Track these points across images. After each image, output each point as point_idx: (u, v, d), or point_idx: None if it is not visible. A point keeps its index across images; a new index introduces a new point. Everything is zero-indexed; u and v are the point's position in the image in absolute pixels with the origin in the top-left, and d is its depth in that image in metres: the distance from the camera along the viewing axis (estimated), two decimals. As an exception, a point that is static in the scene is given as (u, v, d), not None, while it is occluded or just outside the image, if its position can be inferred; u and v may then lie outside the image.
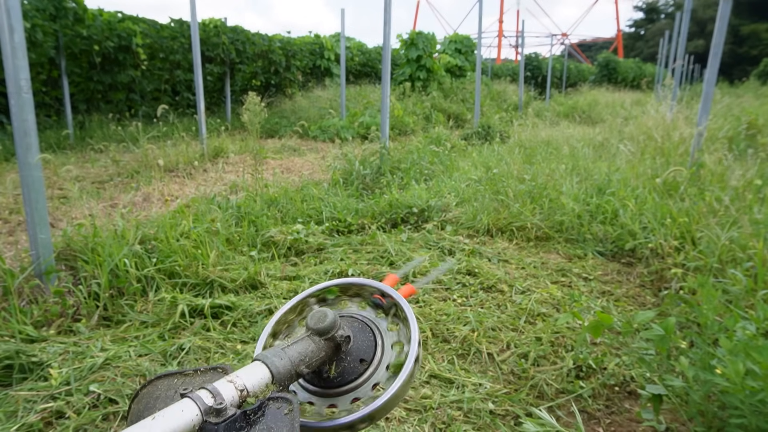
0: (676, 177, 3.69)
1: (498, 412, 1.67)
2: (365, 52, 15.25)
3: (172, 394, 0.67)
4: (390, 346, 0.82)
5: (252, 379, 0.63)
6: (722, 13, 3.80)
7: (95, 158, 6.04)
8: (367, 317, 0.87)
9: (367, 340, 0.82)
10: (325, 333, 0.75)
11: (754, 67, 34.04)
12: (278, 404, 0.61)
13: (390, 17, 4.96)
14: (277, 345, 0.73)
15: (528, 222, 3.46)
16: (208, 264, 2.61)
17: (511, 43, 55.44)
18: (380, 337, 0.83)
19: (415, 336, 0.77)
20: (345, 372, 0.79)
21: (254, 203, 3.61)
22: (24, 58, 2.15)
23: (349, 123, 8.86)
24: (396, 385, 0.72)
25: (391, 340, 0.83)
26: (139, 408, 0.67)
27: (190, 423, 0.53)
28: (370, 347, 0.82)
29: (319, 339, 0.75)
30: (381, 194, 4.24)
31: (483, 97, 13.50)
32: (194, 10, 6.21)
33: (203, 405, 0.56)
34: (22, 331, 2.00)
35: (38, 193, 2.25)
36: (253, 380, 0.63)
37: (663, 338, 1.37)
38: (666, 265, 2.71)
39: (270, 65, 11.16)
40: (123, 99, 8.56)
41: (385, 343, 0.82)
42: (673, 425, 1.58)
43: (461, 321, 2.23)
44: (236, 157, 6.67)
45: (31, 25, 6.35)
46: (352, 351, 0.80)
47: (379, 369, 0.80)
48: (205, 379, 0.67)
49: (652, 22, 59.47)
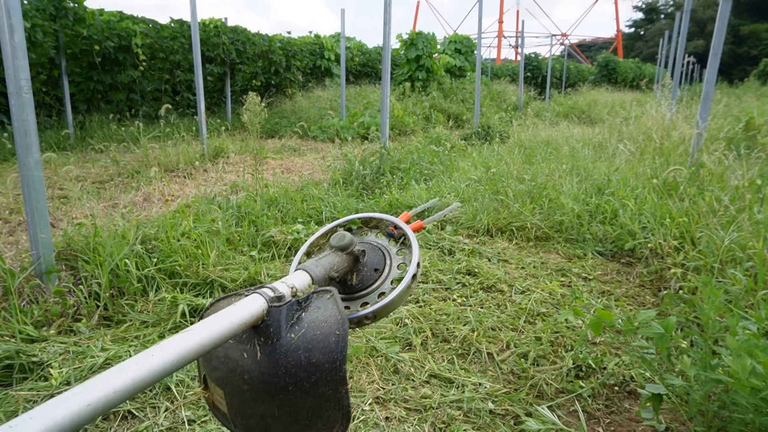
0: (675, 177, 3.69)
1: (498, 412, 1.67)
2: (365, 52, 15.26)
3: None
4: (396, 266, 1.03)
5: (298, 281, 0.85)
6: (722, 13, 3.80)
7: (96, 158, 6.04)
8: (381, 244, 1.09)
9: (379, 257, 1.05)
10: (345, 249, 0.97)
11: (754, 67, 34.04)
12: (321, 294, 0.82)
13: (390, 17, 4.96)
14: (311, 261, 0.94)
15: (528, 222, 3.46)
16: (209, 264, 2.62)
17: (511, 44, 55.47)
18: (389, 258, 1.05)
19: (414, 258, 0.99)
20: (364, 279, 1.02)
21: (254, 203, 3.61)
22: (24, 58, 2.15)
23: (349, 123, 8.86)
24: (395, 293, 0.93)
25: (397, 261, 1.04)
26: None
27: (260, 308, 0.74)
28: (380, 260, 1.04)
29: (342, 253, 0.98)
30: (381, 194, 4.24)
31: (483, 98, 13.50)
32: (194, 10, 6.22)
33: (267, 296, 0.76)
34: (22, 331, 2.00)
35: (39, 192, 2.25)
36: (299, 282, 0.85)
37: (663, 337, 1.37)
38: (665, 265, 2.71)
39: (270, 65, 11.16)
40: (123, 99, 8.56)
41: (393, 263, 1.04)
42: (673, 425, 1.58)
43: (461, 321, 2.23)
44: (236, 157, 6.67)
45: (31, 25, 6.35)
46: (368, 263, 1.03)
47: (385, 282, 1.01)
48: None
49: (652, 22, 59.48)
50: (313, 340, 0.75)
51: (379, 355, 1.95)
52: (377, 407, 1.67)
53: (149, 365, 0.55)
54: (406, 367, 1.89)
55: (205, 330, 0.63)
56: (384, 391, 1.75)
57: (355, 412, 1.64)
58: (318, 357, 0.74)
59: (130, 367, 0.55)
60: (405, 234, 1.08)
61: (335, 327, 0.76)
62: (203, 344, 0.62)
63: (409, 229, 1.08)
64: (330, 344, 0.74)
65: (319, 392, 0.74)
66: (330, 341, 0.74)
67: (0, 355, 1.78)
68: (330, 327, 0.76)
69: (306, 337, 0.75)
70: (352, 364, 1.88)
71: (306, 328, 0.76)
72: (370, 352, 1.97)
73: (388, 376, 1.84)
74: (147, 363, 0.55)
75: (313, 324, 0.76)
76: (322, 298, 0.81)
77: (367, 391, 1.75)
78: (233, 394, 0.78)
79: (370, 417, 1.62)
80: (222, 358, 0.78)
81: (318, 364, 0.73)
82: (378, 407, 1.67)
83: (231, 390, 0.78)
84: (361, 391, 1.75)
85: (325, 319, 0.77)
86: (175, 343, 0.59)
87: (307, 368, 0.73)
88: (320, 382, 0.74)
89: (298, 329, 0.76)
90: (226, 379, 0.78)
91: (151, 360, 0.56)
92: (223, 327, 0.65)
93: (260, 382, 0.74)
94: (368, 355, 1.95)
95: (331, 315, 0.77)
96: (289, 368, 0.73)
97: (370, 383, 1.80)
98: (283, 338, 0.75)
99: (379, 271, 1.02)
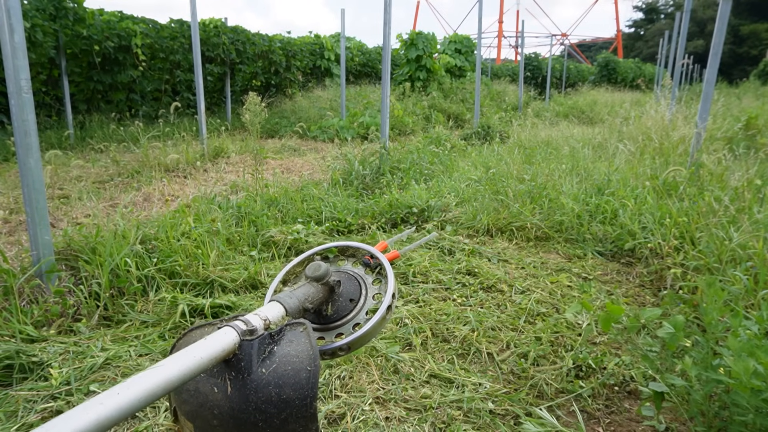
0: (675, 177, 3.69)
1: (498, 412, 1.67)
2: (365, 52, 15.25)
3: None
4: (372, 296, 1.04)
5: (272, 313, 0.84)
6: (722, 13, 3.80)
7: (96, 158, 6.04)
8: (357, 273, 1.08)
9: (354, 287, 1.04)
10: (320, 279, 0.96)
11: (754, 67, 34.03)
12: (294, 327, 0.82)
13: (390, 17, 4.96)
14: (285, 290, 0.94)
15: (528, 222, 3.46)
16: (209, 264, 2.62)
17: (511, 44, 55.47)
18: (365, 288, 1.04)
19: (390, 289, 0.99)
20: (339, 310, 1.01)
21: (254, 203, 3.61)
22: (24, 58, 2.15)
23: (349, 123, 8.86)
24: (369, 324, 0.93)
25: (372, 291, 1.04)
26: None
27: (232, 342, 0.73)
28: (356, 290, 1.04)
29: (317, 283, 0.97)
30: (381, 194, 4.24)
31: (483, 98, 13.50)
32: (194, 10, 6.21)
33: (239, 329, 0.75)
34: (22, 331, 2.00)
35: (39, 192, 2.25)
36: (273, 314, 0.84)
37: (673, 336, 1.37)
38: (665, 265, 2.71)
39: (270, 65, 11.16)
40: (123, 99, 8.56)
41: (368, 293, 1.04)
42: (673, 425, 1.58)
43: (461, 321, 2.23)
44: (236, 157, 6.67)
45: (31, 25, 6.35)
46: (343, 293, 1.02)
47: (360, 312, 1.01)
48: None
49: (652, 22, 59.48)
50: (284, 376, 0.74)
51: (379, 355, 1.95)
52: (377, 407, 1.67)
53: (115, 404, 0.54)
54: (406, 367, 1.89)
55: (175, 366, 0.62)
56: (384, 391, 1.75)
57: (355, 412, 1.64)
58: (289, 393, 0.73)
59: (95, 407, 0.53)
60: (381, 264, 1.07)
61: (307, 362, 0.75)
62: (172, 380, 0.61)
63: (385, 258, 1.08)
64: (301, 380, 0.74)
65: (289, 429, 0.74)
66: (301, 377, 0.74)
67: (0, 355, 1.78)
68: (302, 362, 0.75)
69: (277, 372, 0.74)
70: (352, 364, 1.88)
71: (277, 363, 0.75)
72: (370, 352, 1.97)
73: (388, 376, 1.84)
74: (113, 401, 0.54)
75: (285, 359, 0.76)
76: (295, 331, 0.81)
77: (367, 391, 1.75)
78: (203, 428, 0.77)
79: (370, 417, 1.62)
80: (192, 391, 0.77)
81: (289, 401, 0.73)
82: (378, 407, 1.67)
83: (201, 424, 0.77)
84: (361, 391, 1.75)
85: (297, 354, 0.76)
86: (142, 379, 0.58)
87: (277, 405, 0.73)
88: (290, 419, 0.73)
89: (269, 364, 0.75)
90: (195, 413, 0.77)
91: (117, 398, 0.55)
92: (192, 362, 0.64)
93: (230, 417, 0.73)
94: (368, 355, 1.95)
95: (303, 350, 0.77)
96: (259, 404, 0.73)
97: (370, 383, 1.80)
98: (254, 373, 0.74)
99: (355, 302, 1.02)
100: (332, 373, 1.83)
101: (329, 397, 1.72)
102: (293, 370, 0.74)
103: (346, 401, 1.69)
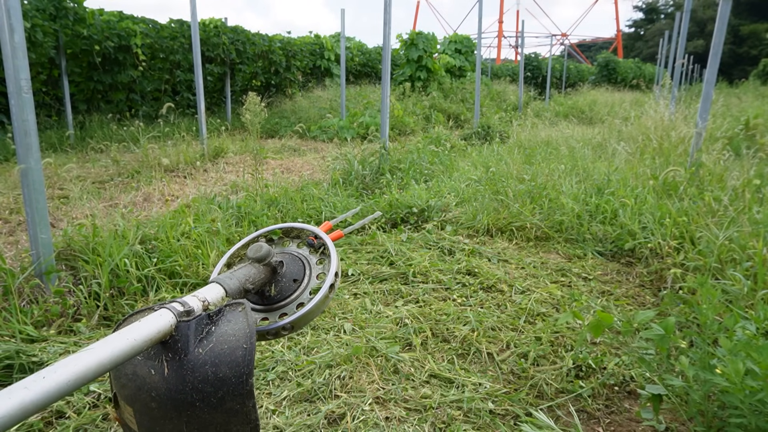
0: (675, 177, 3.69)
1: (498, 412, 1.67)
2: (365, 52, 15.25)
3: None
4: (316, 276, 1.04)
5: (210, 294, 0.83)
6: (722, 13, 3.80)
7: (96, 158, 6.04)
8: (301, 254, 1.08)
9: (298, 267, 1.05)
10: (262, 260, 0.96)
11: (754, 67, 34.03)
12: (233, 307, 0.81)
13: (390, 17, 4.96)
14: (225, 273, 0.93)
15: (528, 222, 3.46)
16: (209, 264, 2.62)
17: (511, 44, 55.48)
18: (308, 268, 1.05)
19: (332, 268, 0.99)
20: (283, 290, 1.01)
21: (254, 203, 3.61)
22: (24, 58, 2.15)
23: (349, 123, 8.86)
24: (312, 303, 0.94)
25: (317, 271, 1.05)
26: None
27: (168, 323, 0.72)
28: (300, 270, 1.04)
29: (259, 265, 0.97)
30: (381, 194, 4.24)
31: (483, 98, 13.50)
32: (194, 10, 6.21)
33: (176, 311, 0.74)
34: (22, 331, 2.00)
35: (38, 193, 2.25)
36: (212, 295, 0.83)
37: (663, 338, 1.37)
38: (665, 265, 2.71)
39: (270, 65, 11.16)
40: (123, 99, 8.56)
41: (312, 273, 1.04)
42: (673, 425, 1.58)
43: (461, 321, 2.23)
44: (236, 157, 6.67)
45: (31, 25, 6.35)
46: (286, 273, 1.02)
47: (304, 292, 1.01)
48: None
49: (652, 22, 59.47)
50: (221, 355, 0.74)
51: (379, 355, 1.95)
52: (377, 407, 1.67)
53: (41, 388, 0.52)
54: (406, 367, 1.89)
55: (107, 348, 0.61)
56: (384, 391, 1.75)
57: (355, 412, 1.64)
58: (225, 371, 0.73)
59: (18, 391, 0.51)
60: (325, 243, 1.08)
61: (243, 341, 0.75)
62: (103, 363, 0.59)
63: (329, 238, 1.08)
64: (237, 358, 0.74)
65: (227, 407, 0.74)
66: (237, 355, 0.74)
67: (0, 355, 1.78)
68: (238, 341, 0.75)
69: (213, 351, 0.74)
70: (352, 364, 1.89)
71: (214, 343, 0.75)
72: (370, 352, 1.97)
73: (388, 376, 1.84)
74: (38, 386, 0.52)
75: (222, 338, 0.76)
76: (234, 311, 0.81)
77: (367, 391, 1.75)
78: (142, 411, 0.77)
79: (370, 417, 1.62)
80: (130, 375, 0.77)
81: (225, 379, 0.73)
82: (378, 407, 1.67)
83: (140, 408, 0.77)
84: (361, 391, 1.75)
85: (233, 332, 0.76)
86: (72, 362, 0.56)
87: (213, 383, 0.73)
88: (227, 397, 0.74)
89: (206, 344, 0.75)
90: (134, 397, 0.77)
91: (43, 383, 0.53)
92: (125, 344, 0.63)
93: (168, 399, 0.73)
94: (368, 355, 1.95)
95: (240, 328, 0.77)
96: (196, 384, 0.73)
97: (370, 383, 1.80)
98: (191, 353, 0.74)
99: (299, 282, 1.02)
100: (332, 373, 1.83)
101: (329, 397, 1.72)
102: (229, 348, 0.75)
103: (346, 401, 1.69)
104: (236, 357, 0.74)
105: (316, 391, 1.75)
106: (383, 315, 2.30)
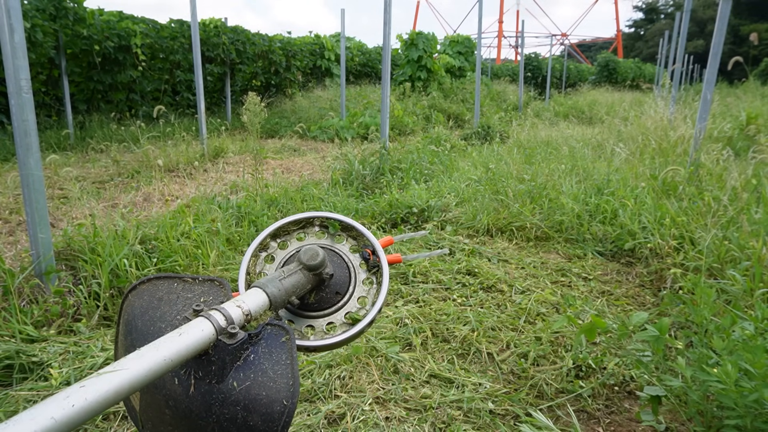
0: (674, 177, 3.69)
1: (498, 412, 1.67)
2: (365, 52, 15.25)
3: (174, 299, 0.76)
4: (357, 298, 0.95)
5: (254, 304, 0.73)
6: (722, 13, 3.80)
7: (96, 158, 6.04)
8: (351, 261, 0.99)
9: (344, 276, 0.96)
10: (315, 269, 0.87)
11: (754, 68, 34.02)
12: (276, 332, 0.72)
13: (390, 17, 4.96)
14: (272, 275, 0.83)
15: (528, 222, 3.46)
16: (209, 264, 2.62)
17: (511, 44, 55.48)
18: (353, 283, 0.96)
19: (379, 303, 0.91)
20: (322, 300, 0.92)
21: (254, 203, 3.61)
22: (24, 58, 2.15)
23: (349, 123, 8.86)
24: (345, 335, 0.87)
25: (359, 293, 0.96)
26: (141, 303, 0.77)
27: (208, 341, 0.64)
28: (345, 283, 0.95)
29: (309, 273, 0.87)
30: (381, 194, 4.24)
31: (483, 98, 13.50)
32: (194, 10, 6.21)
33: (218, 325, 0.65)
34: (22, 331, 2.00)
35: (38, 193, 2.25)
36: (256, 306, 0.74)
37: (658, 339, 1.37)
38: (665, 265, 2.71)
39: (270, 65, 11.16)
40: (123, 99, 8.56)
41: (355, 292, 0.96)
42: (673, 425, 1.58)
43: (461, 321, 2.23)
44: (236, 157, 6.67)
45: (31, 25, 6.35)
46: (332, 285, 0.93)
47: (351, 301, 0.94)
48: (204, 290, 0.77)
49: (652, 22, 59.47)
50: (256, 401, 0.66)
51: (379, 355, 1.95)
52: (377, 407, 1.67)
53: (65, 415, 0.46)
54: (406, 367, 1.89)
55: (141, 367, 0.54)
56: (384, 391, 1.75)
57: (355, 412, 1.65)
58: (256, 422, 0.65)
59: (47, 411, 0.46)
60: (379, 266, 0.97)
61: (284, 395, 0.66)
62: (133, 385, 0.53)
63: (386, 263, 0.97)
64: (273, 413, 0.65)
65: None
66: (274, 410, 0.65)
67: (0, 355, 1.78)
68: (278, 392, 0.66)
69: (249, 393, 0.66)
70: (352, 364, 1.89)
71: (251, 382, 0.67)
72: (370, 352, 1.97)
73: (388, 376, 1.84)
74: (63, 413, 0.47)
75: (260, 379, 0.67)
76: (276, 340, 0.71)
77: (367, 391, 1.75)
78: (151, 407, 0.71)
79: (370, 417, 1.62)
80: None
81: (254, 429, 0.65)
82: (378, 407, 1.67)
83: (149, 400, 0.71)
84: (361, 391, 1.75)
85: (274, 376, 0.68)
86: (101, 384, 0.50)
87: (240, 428, 0.65)
88: None
89: (242, 378, 0.67)
90: (147, 390, 0.70)
91: (70, 410, 0.47)
92: (162, 364, 0.56)
93: (185, 417, 0.67)
94: (368, 355, 1.95)
95: (282, 373, 0.68)
96: (221, 420, 0.65)
97: (370, 383, 1.80)
98: (224, 384, 0.66)
99: (340, 295, 0.94)
100: (332, 373, 1.83)
101: (329, 397, 1.72)
102: (267, 398, 0.66)
103: (346, 401, 1.69)
104: (273, 411, 0.65)
105: (316, 391, 1.75)
106: (383, 315, 2.31)
